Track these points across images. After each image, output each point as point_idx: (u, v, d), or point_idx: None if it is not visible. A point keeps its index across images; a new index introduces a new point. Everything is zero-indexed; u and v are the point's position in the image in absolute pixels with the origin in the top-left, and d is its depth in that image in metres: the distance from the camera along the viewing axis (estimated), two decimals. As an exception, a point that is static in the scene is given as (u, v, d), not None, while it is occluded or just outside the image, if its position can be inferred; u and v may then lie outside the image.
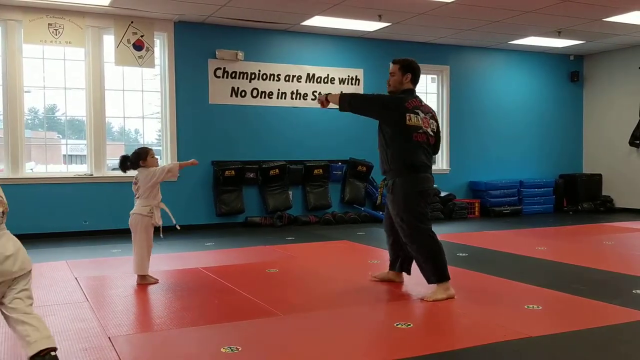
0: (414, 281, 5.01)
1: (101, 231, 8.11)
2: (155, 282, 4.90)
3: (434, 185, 4.58)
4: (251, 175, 8.98)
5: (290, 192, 9.30)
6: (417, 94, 4.54)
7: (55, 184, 7.98)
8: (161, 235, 4.98)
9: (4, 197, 2.68)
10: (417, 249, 4.35)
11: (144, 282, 4.86)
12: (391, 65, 4.57)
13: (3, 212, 2.62)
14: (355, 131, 9.75)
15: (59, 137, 8.88)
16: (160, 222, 4.89)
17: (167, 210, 4.96)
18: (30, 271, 2.75)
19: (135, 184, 4.96)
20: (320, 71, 9.54)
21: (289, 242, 7.27)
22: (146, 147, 5.07)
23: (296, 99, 9.39)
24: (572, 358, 3.11)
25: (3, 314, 2.72)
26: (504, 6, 7.96)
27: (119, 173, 8.58)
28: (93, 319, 3.82)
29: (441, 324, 3.77)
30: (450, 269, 5.53)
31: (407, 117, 4.29)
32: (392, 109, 4.35)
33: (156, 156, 5.11)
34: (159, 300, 4.44)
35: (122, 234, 7.30)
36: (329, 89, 9.54)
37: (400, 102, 4.37)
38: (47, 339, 2.67)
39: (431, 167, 4.46)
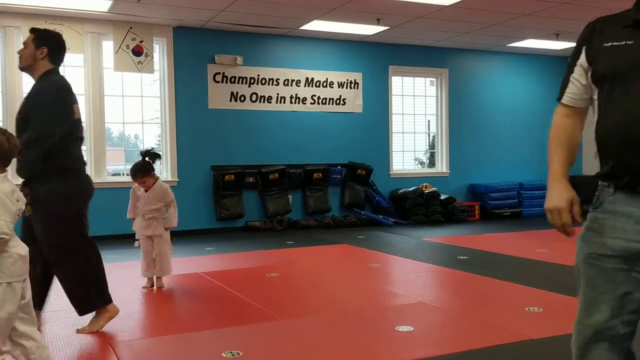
0: (414, 286, 5.01)
1: (101, 237, 8.06)
2: (150, 287, 4.92)
3: (434, 188, 4.45)
4: (251, 180, 8.99)
5: (290, 196, 9.30)
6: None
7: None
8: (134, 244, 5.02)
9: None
10: (68, 274, 3.58)
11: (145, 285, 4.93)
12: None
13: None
14: (354, 135, 9.78)
15: (58, 143, 8.88)
16: (140, 232, 4.94)
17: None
18: None
19: None
20: (319, 75, 9.55)
21: (289, 247, 7.26)
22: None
23: (295, 103, 9.40)
24: (573, 360, 3.11)
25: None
26: (502, 9, 7.97)
27: (119, 179, 8.63)
28: (94, 324, 3.81)
29: (442, 327, 3.77)
30: (451, 272, 5.55)
31: (75, 109, 3.57)
32: (68, 104, 3.54)
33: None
34: (160, 305, 4.44)
35: (121, 240, 7.30)
36: (328, 93, 9.58)
37: (71, 91, 3.59)
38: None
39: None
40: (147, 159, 4.87)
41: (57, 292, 4.80)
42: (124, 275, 5.46)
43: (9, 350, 2.52)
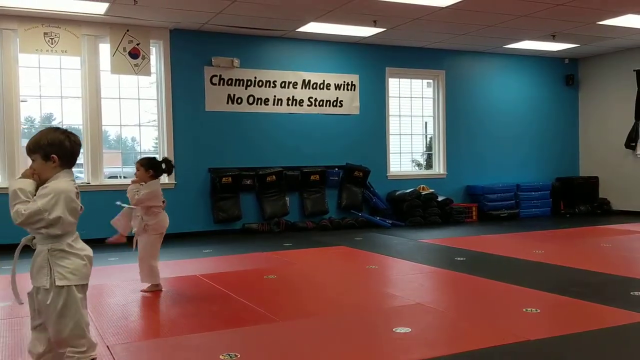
0: (411, 287, 5.02)
1: (98, 239, 8.05)
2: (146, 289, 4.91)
3: (431, 190, 4.42)
4: (248, 182, 8.98)
5: (287, 198, 9.30)
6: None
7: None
8: (133, 247, 4.99)
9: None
10: None
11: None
12: None
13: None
14: (351, 137, 9.79)
15: (55, 145, 8.89)
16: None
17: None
18: None
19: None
20: (316, 77, 9.56)
21: (287, 249, 7.26)
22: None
23: (292, 105, 9.41)
24: (571, 361, 3.11)
25: None
26: (499, 10, 7.99)
27: (116, 181, 8.62)
28: (91, 327, 3.80)
29: (440, 329, 3.77)
30: (449, 273, 5.56)
31: None
32: None
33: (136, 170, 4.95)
34: (157, 308, 4.43)
35: (119, 243, 7.26)
36: (325, 95, 9.59)
37: None
38: None
39: None
40: (164, 163, 4.92)
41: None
42: (121, 278, 5.45)
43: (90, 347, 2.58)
